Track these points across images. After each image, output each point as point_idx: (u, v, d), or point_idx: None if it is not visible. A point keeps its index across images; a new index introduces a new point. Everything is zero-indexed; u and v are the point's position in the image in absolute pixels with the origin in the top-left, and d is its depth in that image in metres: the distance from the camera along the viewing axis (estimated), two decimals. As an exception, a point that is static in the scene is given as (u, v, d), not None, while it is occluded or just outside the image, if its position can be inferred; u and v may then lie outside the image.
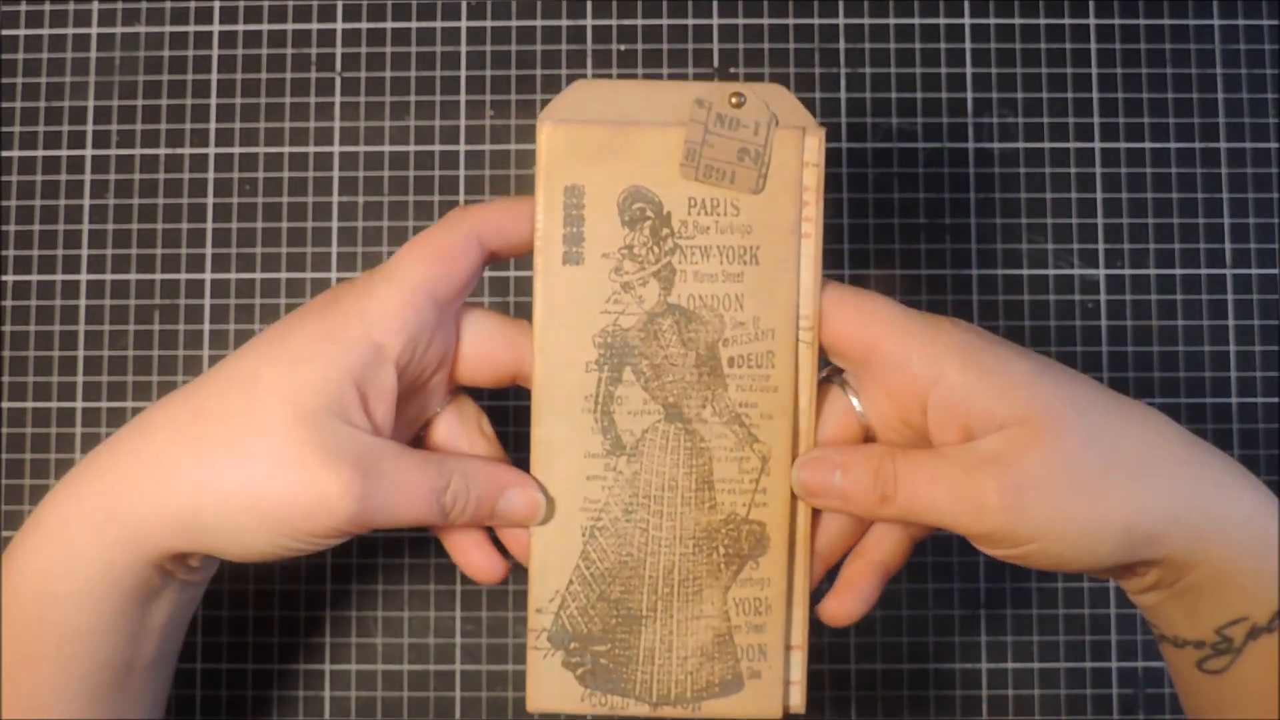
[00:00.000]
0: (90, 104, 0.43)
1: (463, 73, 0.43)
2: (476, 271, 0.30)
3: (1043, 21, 0.43)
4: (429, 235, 0.30)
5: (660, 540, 0.31)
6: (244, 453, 0.28)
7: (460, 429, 0.33)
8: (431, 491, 0.29)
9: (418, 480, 0.29)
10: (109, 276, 0.42)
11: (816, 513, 0.32)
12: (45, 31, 0.43)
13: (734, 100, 0.30)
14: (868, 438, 0.32)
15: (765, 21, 0.43)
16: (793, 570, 0.31)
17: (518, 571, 0.32)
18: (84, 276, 0.42)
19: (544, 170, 0.30)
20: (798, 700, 0.31)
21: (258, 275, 0.42)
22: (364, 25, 0.43)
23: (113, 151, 0.43)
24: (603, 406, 0.31)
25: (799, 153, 0.30)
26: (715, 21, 0.43)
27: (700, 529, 0.31)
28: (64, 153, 0.43)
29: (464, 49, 0.43)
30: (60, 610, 0.29)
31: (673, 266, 0.30)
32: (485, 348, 0.31)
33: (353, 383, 0.29)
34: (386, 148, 0.43)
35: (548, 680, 0.31)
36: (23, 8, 0.43)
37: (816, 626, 0.32)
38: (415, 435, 0.33)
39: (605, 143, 0.30)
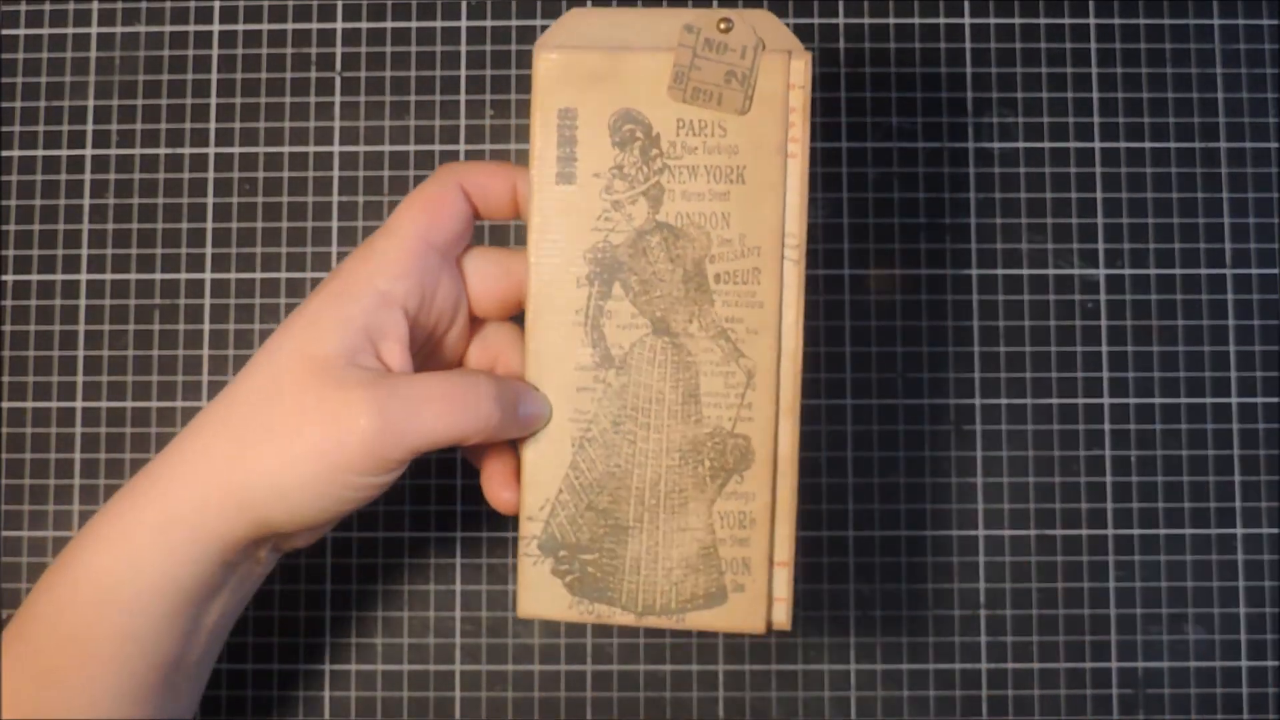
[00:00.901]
0: (90, 104, 0.43)
1: (463, 73, 0.43)
2: (467, 218, 0.32)
3: (1043, 21, 0.43)
4: (419, 189, 0.32)
5: (647, 452, 0.31)
6: (276, 419, 0.29)
7: (495, 345, 0.34)
8: (462, 388, 0.30)
9: (442, 388, 0.30)
10: (109, 276, 0.42)
11: (803, 429, 0.32)
12: (45, 31, 0.43)
13: (722, 26, 0.31)
14: None
15: (765, 21, 0.43)
16: (776, 486, 0.31)
17: (516, 572, 0.32)
18: (84, 276, 0.42)
19: (539, 94, 0.31)
20: (782, 616, 0.31)
21: (258, 275, 0.42)
22: (364, 25, 0.43)
23: (113, 151, 0.43)
24: (593, 320, 0.31)
25: (785, 75, 0.31)
26: (715, 21, 0.43)
27: (686, 442, 0.31)
28: (64, 153, 0.43)
29: (464, 49, 0.43)
30: (121, 614, 0.30)
31: (661, 185, 0.31)
32: (487, 283, 0.33)
33: (363, 331, 0.30)
34: (386, 148, 0.43)
35: (538, 587, 0.31)
36: (23, 8, 0.43)
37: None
38: None
39: (598, 67, 0.31)
